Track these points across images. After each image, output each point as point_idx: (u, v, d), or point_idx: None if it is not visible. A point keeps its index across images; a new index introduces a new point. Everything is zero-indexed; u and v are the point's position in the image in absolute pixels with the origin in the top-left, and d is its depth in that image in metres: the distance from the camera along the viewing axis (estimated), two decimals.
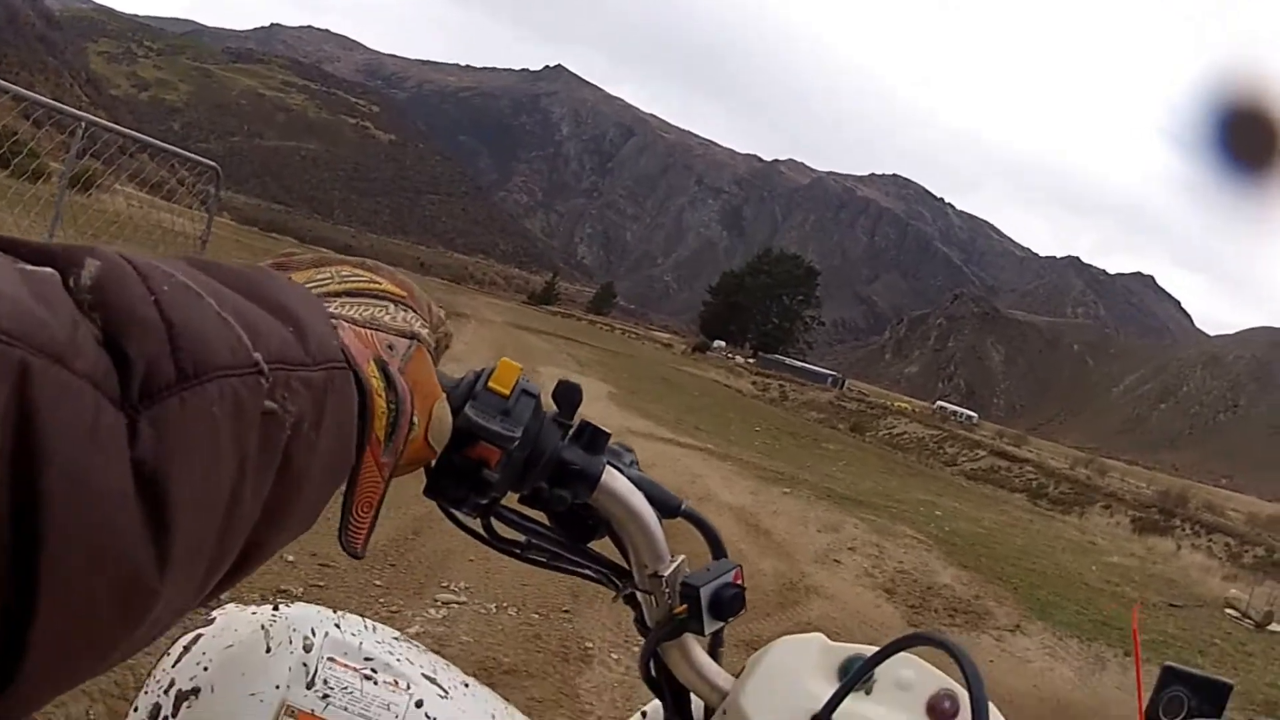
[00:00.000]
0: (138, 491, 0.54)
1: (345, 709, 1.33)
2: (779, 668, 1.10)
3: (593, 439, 1.07)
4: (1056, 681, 10.50)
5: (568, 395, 1.08)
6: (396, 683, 1.39)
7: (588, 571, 1.17)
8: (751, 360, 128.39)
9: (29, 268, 0.54)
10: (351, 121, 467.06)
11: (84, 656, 0.55)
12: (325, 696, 1.33)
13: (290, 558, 7.88)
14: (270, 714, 1.30)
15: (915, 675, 1.10)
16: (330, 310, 0.86)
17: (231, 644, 1.34)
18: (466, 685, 1.49)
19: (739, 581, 1.11)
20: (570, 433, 1.08)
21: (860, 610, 11.47)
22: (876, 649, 1.10)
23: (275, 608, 1.41)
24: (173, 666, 1.34)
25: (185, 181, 14.53)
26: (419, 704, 1.37)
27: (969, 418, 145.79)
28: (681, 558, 1.09)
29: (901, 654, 1.08)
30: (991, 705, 1.05)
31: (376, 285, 0.94)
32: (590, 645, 7.45)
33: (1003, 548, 18.32)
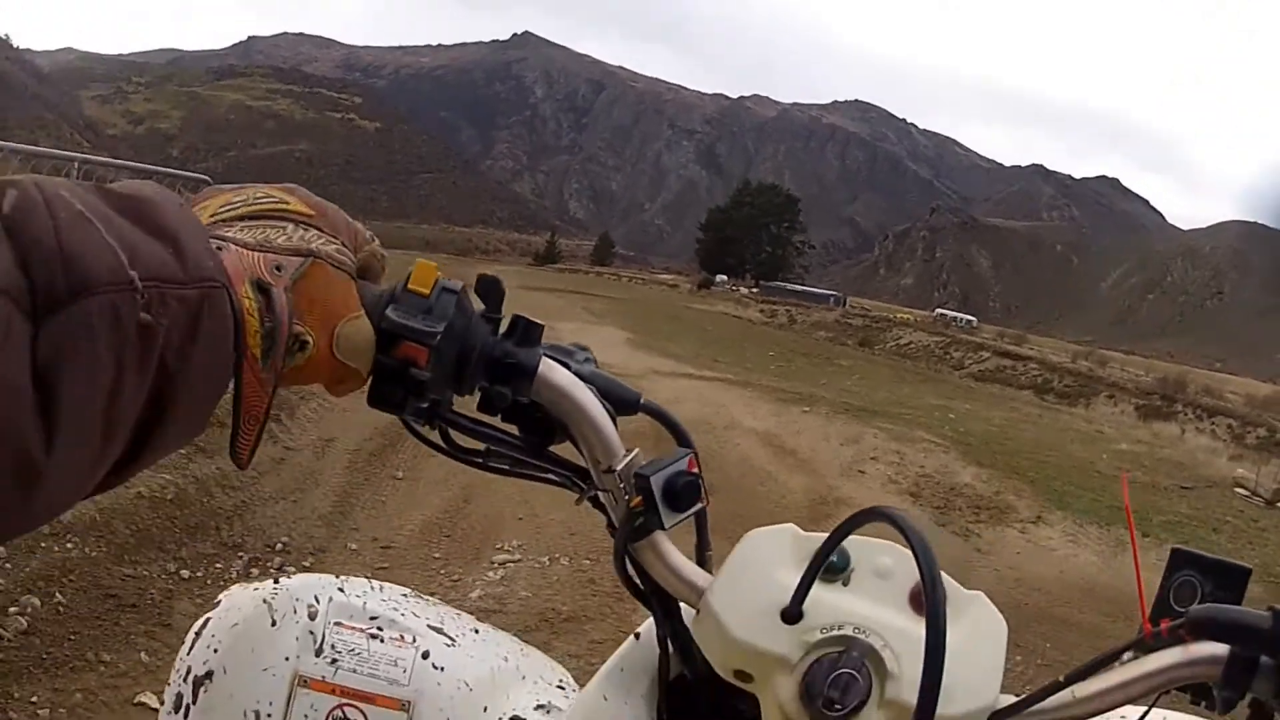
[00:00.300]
0: (34, 386, 0.63)
1: (354, 670, 1.33)
2: (749, 562, 1.05)
3: (526, 332, 1.04)
4: (1081, 566, 10.57)
5: (491, 288, 1.04)
6: (403, 638, 1.39)
7: (550, 476, 1.13)
8: (755, 290, 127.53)
9: None
10: (337, 116, 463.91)
11: None
12: (334, 661, 1.33)
13: (354, 546, 7.99)
14: (283, 686, 1.31)
15: (895, 563, 1.04)
16: (224, 234, 0.89)
17: (237, 622, 1.34)
18: (476, 631, 1.53)
19: (693, 469, 1.06)
20: (503, 329, 1.05)
21: None
22: (856, 540, 1.04)
23: (276, 581, 1.40)
24: (188, 654, 1.34)
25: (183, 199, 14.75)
26: (425, 655, 1.38)
27: (969, 322, 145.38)
28: (635, 451, 1.06)
29: (884, 542, 1.04)
30: (955, 583, 1.03)
31: (284, 206, 0.96)
32: None
33: (1016, 443, 18.32)
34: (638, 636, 1.19)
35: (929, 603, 0.87)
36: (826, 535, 1.01)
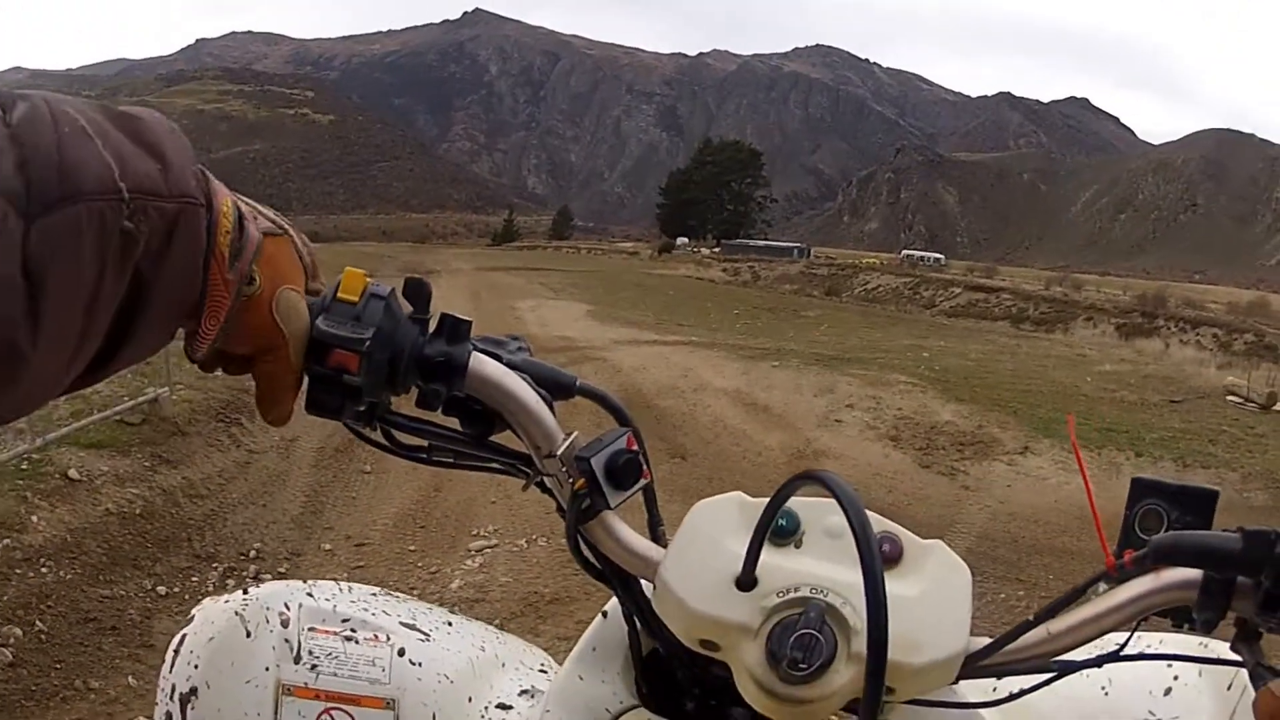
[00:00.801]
0: (23, 279, 0.69)
1: (335, 674, 1.34)
2: (698, 533, 1.06)
3: (454, 329, 1.07)
4: (1075, 493, 10.40)
5: (417, 291, 1.07)
6: (377, 637, 1.40)
7: (495, 465, 1.15)
8: (717, 250, 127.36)
9: None
10: (290, 113, 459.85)
11: None
12: (314, 667, 1.34)
13: (328, 546, 8.01)
14: (269, 696, 1.31)
15: (842, 521, 0.98)
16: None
17: (213, 637, 1.34)
18: (450, 624, 1.54)
19: (632, 447, 1.08)
20: (432, 329, 1.08)
21: (871, 463, 11.43)
22: (805, 500, 1.06)
23: (245, 591, 1.41)
24: (170, 672, 1.34)
25: None
26: (401, 652, 1.40)
27: (936, 260, 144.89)
28: (574, 434, 1.08)
29: (832, 502, 0.98)
30: (911, 535, 1.05)
31: (279, 215, 1.04)
32: None
33: (995, 376, 18.23)
34: (605, 615, 1.21)
35: (863, 561, 0.87)
36: (773, 505, 1.01)
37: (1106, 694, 1.22)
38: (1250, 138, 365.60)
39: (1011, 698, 1.04)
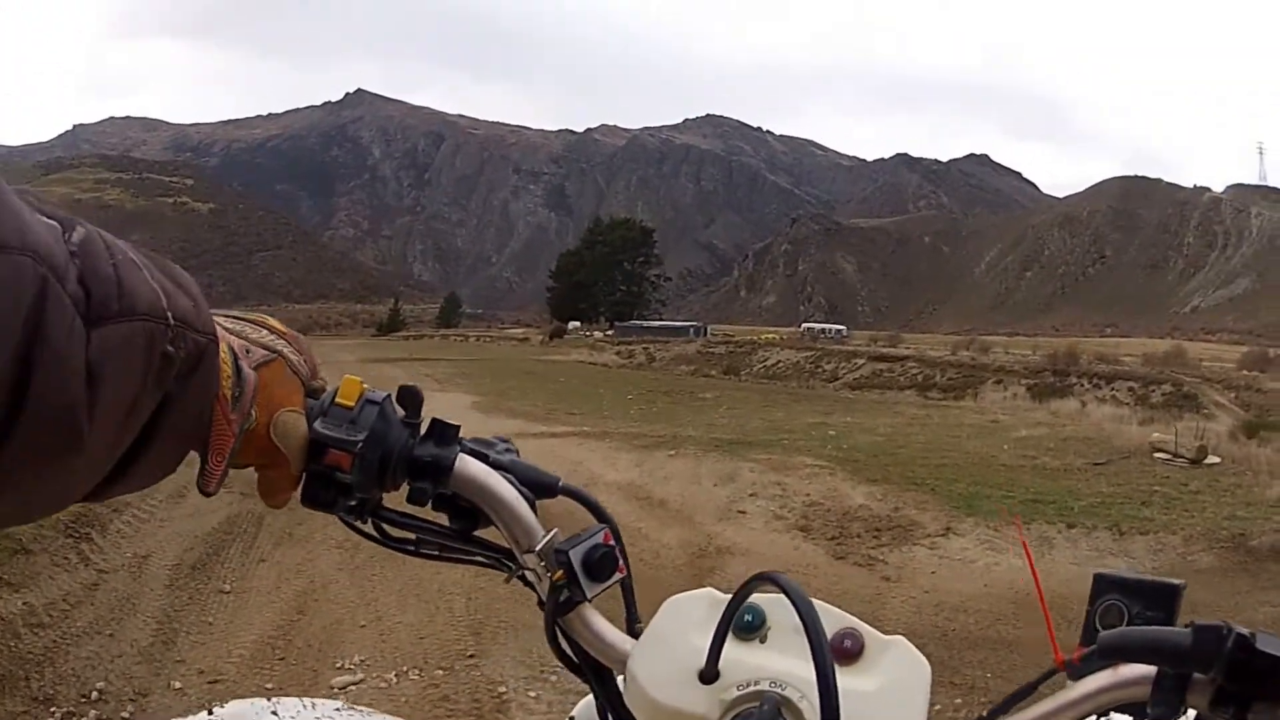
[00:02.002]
0: (86, 373, 0.78)
1: None
2: (667, 627, 1.11)
3: (443, 433, 1.16)
4: (1007, 574, 9.94)
5: (410, 396, 1.16)
6: None
7: (479, 558, 1.21)
8: (610, 333, 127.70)
9: (47, 220, 0.79)
10: (169, 201, 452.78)
11: (37, 475, 0.79)
12: None
13: (178, 684, 7.28)
14: None
15: None
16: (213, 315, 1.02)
17: None
18: None
19: (609, 542, 1.15)
20: (422, 431, 1.16)
21: (781, 555, 10.81)
22: (771, 598, 1.10)
23: (210, 711, 1.42)
24: None
25: None
26: None
27: (838, 332, 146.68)
28: (554, 530, 1.06)
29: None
30: (872, 630, 1.09)
31: (264, 320, 1.16)
32: (504, 689, 6.95)
33: (907, 450, 17.84)
34: (574, 719, 1.26)
35: (815, 656, 0.93)
36: (736, 602, 1.08)
37: None
38: (1158, 183, 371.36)
39: None
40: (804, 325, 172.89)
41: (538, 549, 1.13)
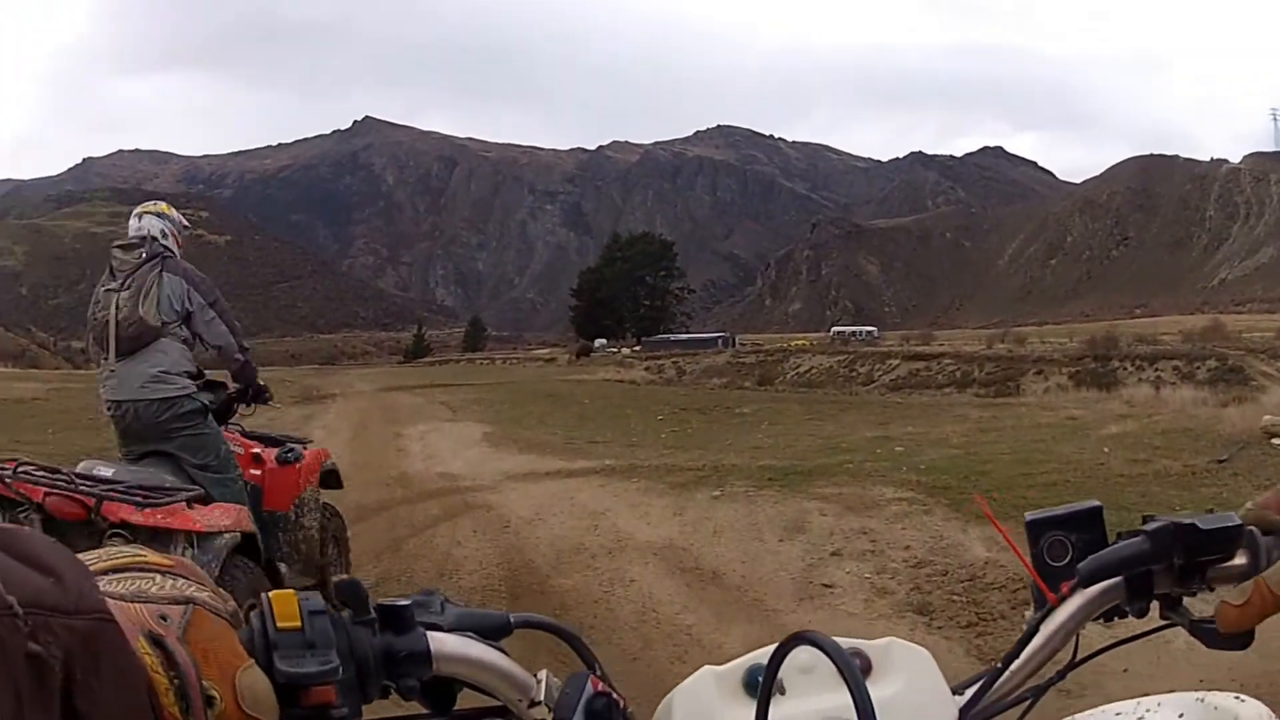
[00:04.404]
0: None
1: None
2: (690, 716, 1.11)
3: (398, 618, 1.07)
4: (1226, 657, 6.37)
5: (352, 592, 1.06)
6: None
7: None
8: (638, 348, 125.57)
9: None
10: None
11: None
12: None
13: None
14: None
15: (809, 655, 1.11)
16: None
17: None
18: None
19: (599, 688, 1.11)
20: (376, 622, 1.07)
21: None
22: (767, 651, 1.11)
23: None
24: None
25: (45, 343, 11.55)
26: None
27: (869, 333, 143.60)
28: (543, 673, 1.07)
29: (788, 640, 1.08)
30: (864, 642, 1.16)
31: (142, 557, 0.94)
32: None
33: (996, 466, 14.36)
34: None
35: (853, 694, 0.94)
36: (748, 662, 1.12)
37: None
38: (1175, 159, 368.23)
39: None
40: (833, 329, 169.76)
41: (539, 699, 1.10)
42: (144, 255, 7.69)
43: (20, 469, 5.61)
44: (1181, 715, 1.08)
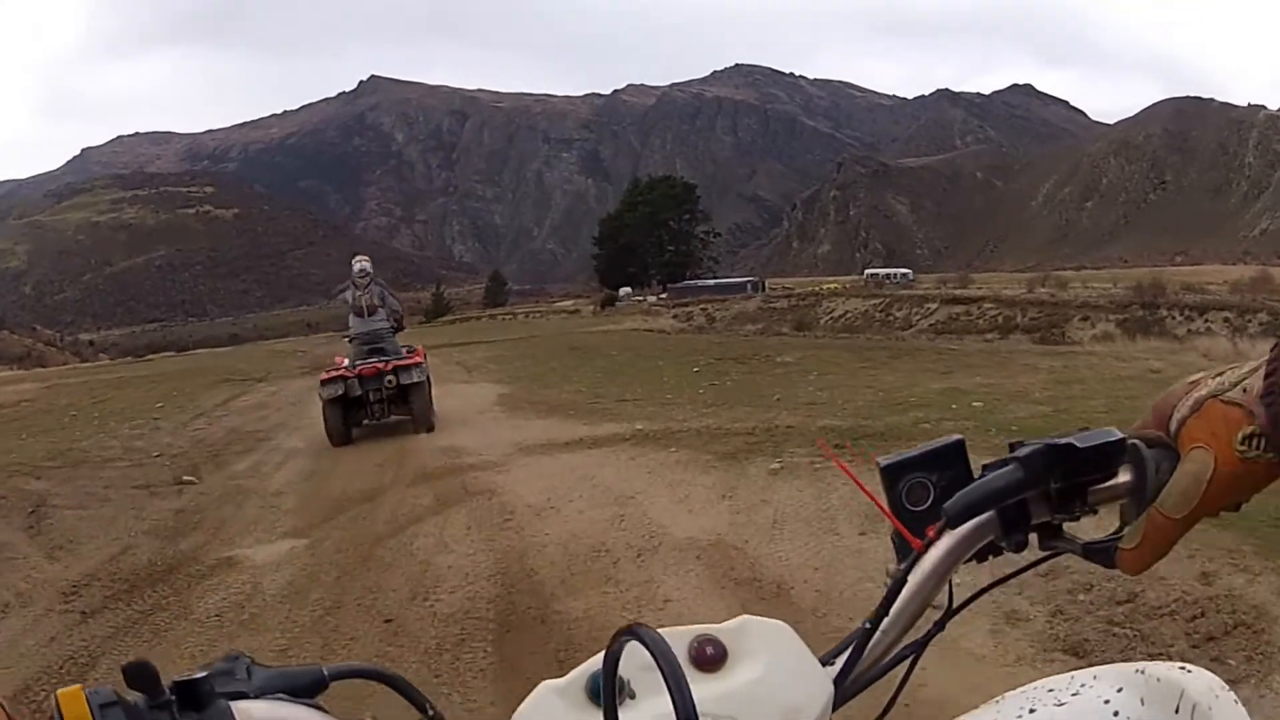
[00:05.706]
0: None
1: None
2: None
3: (195, 694, 0.97)
4: None
5: (141, 674, 0.95)
6: None
7: None
8: (664, 296, 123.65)
9: None
10: (191, 212, 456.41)
11: None
12: None
13: None
14: None
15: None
16: None
17: None
18: None
19: None
20: (174, 704, 0.97)
21: None
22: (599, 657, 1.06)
23: None
24: None
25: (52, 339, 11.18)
26: None
27: (904, 276, 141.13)
28: (367, 717, 1.07)
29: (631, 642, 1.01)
30: (714, 627, 1.10)
31: None
32: None
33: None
34: None
35: (669, 684, 0.89)
36: (588, 669, 1.08)
37: None
38: (1210, 103, 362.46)
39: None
40: (867, 272, 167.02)
41: None
42: (369, 278, 19.15)
43: (355, 365, 17.54)
44: (1120, 689, 1.03)
